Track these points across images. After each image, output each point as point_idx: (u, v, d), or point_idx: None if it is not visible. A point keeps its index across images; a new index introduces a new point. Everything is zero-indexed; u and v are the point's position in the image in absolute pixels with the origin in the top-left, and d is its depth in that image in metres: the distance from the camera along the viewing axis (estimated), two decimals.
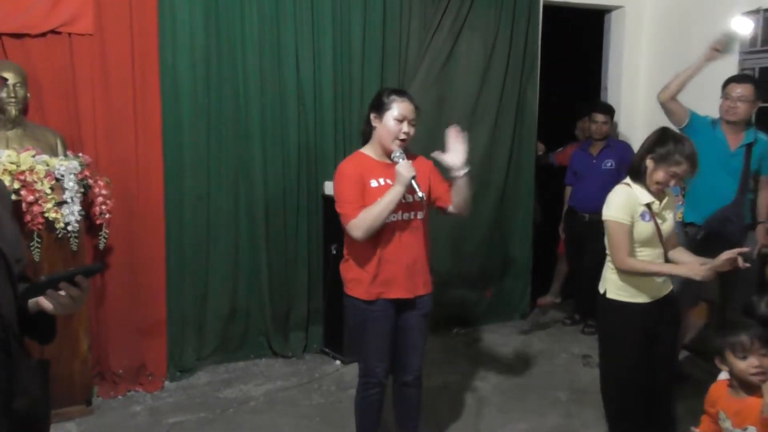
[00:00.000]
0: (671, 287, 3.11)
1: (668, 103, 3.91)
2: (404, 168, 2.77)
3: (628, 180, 3.00)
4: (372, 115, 2.93)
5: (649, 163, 2.90)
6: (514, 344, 4.91)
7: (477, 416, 3.76)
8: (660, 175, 2.87)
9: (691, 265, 2.88)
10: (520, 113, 5.19)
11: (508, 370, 4.44)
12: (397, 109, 2.85)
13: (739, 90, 3.83)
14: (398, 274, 2.91)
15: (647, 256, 2.96)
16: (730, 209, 3.82)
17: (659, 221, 2.95)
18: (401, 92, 2.96)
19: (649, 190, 2.93)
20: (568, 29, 5.81)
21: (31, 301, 1.57)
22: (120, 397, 3.97)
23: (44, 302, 1.53)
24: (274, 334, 4.55)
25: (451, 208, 2.99)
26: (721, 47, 3.74)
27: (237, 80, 4.25)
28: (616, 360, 3.13)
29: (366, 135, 3.00)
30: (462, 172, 2.87)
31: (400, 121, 2.84)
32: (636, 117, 5.49)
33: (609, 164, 5.01)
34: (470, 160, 4.87)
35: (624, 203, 2.91)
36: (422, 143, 4.41)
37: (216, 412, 3.81)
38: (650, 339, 3.01)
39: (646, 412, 3.12)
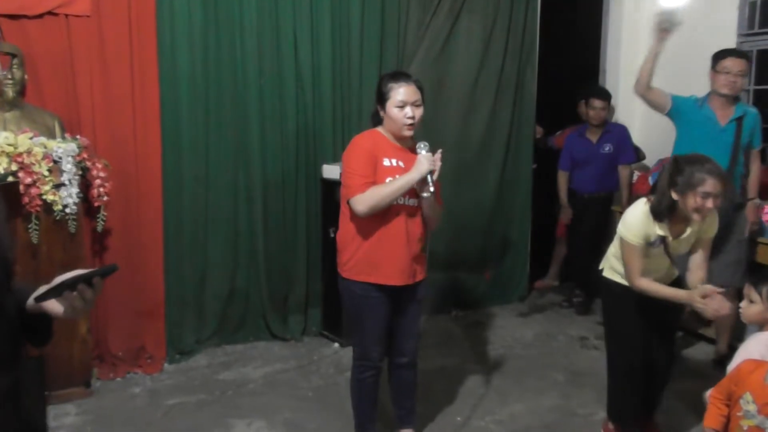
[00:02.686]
0: (676, 274, 3.09)
1: (646, 94, 3.99)
2: (426, 160, 2.75)
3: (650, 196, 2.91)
4: (378, 107, 2.89)
5: (675, 195, 2.74)
6: (512, 326, 4.94)
7: (475, 398, 3.78)
8: (692, 201, 2.69)
9: (692, 295, 2.78)
10: (519, 95, 5.18)
11: (506, 352, 4.46)
12: (397, 95, 2.79)
13: (740, 64, 3.87)
14: (395, 257, 2.87)
15: (649, 272, 2.91)
16: None
17: (671, 249, 2.90)
18: (399, 76, 2.87)
19: (670, 225, 2.84)
20: (567, 11, 5.79)
21: (30, 303, 1.51)
22: (119, 379, 3.98)
23: (53, 305, 1.47)
24: (273, 316, 4.56)
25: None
26: (667, 25, 3.77)
27: (235, 62, 4.22)
28: (613, 337, 3.17)
29: (377, 122, 2.94)
30: (426, 194, 2.81)
31: (402, 107, 2.79)
32: (634, 100, 5.43)
33: (608, 148, 5.04)
34: (469, 143, 5.00)
35: (640, 227, 2.84)
36: (422, 126, 4.41)
37: (215, 394, 3.82)
38: (648, 319, 3.01)
39: (643, 392, 3.14)
